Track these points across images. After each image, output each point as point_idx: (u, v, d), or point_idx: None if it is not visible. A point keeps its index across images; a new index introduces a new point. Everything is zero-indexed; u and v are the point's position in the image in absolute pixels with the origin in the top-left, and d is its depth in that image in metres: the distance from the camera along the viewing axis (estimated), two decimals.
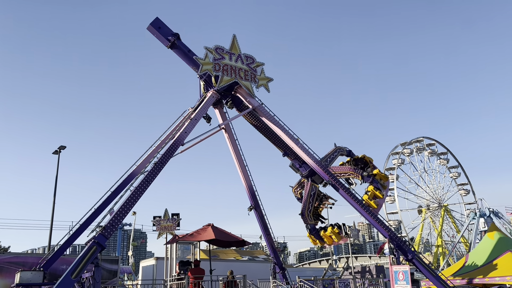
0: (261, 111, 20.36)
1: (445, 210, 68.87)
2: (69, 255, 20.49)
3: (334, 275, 26.00)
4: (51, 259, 16.10)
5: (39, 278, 15.07)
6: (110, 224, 14.01)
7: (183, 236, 19.58)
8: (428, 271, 19.06)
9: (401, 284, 15.54)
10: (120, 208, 14.59)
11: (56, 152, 31.20)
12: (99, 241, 13.39)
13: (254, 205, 22.41)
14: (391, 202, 66.35)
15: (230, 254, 45.60)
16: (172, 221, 22.57)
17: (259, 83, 20.77)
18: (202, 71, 19.45)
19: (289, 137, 19.95)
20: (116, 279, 24.21)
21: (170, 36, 20.77)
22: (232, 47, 20.42)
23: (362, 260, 75.27)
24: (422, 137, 70.18)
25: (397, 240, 19.08)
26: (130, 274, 48.06)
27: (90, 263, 13.17)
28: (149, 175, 15.65)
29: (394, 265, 17.75)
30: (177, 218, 22.92)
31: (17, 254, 23.69)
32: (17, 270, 15.59)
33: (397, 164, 66.83)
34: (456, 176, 69.37)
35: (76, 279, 12.73)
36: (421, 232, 69.83)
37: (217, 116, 22.19)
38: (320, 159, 20.57)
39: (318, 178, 22.13)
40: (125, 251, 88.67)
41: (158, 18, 20.92)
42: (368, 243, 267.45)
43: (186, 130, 17.82)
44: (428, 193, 69.10)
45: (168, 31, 20.93)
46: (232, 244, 21.69)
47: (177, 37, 20.96)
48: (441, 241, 67.88)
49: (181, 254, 27.20)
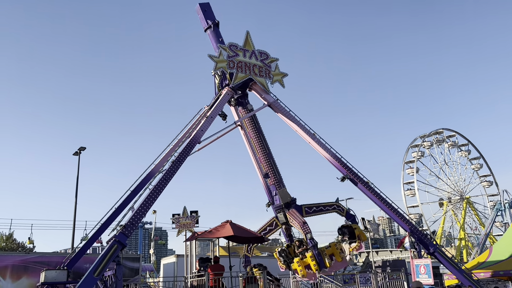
0: (277, 106, 20.31)
1: (467, 202, 67.62)
2: (92, 254, 20.86)
3: (354, 269, 25.80)
4: (74, 258, 16.41)
5: (63, 276, 15.38)
6: (130, 222, 14.18)
7: (202, 233, 19.69)
8: (451, 265, 18.76)
9: (423, 277, 15.33)
10: (139, 206, 14.76)
11: (76, 153, 31.71)
12: (120, 240, 13.57)
13: (272, 202, 22.36)
14: (412, 195, 65.49)
15: None
16: (191, 219, 22.77)
17: (273, 78, 20.70)
18: (216, 69, 19.48)
19: (306, 132, 19.84)
20: (138, 276, 24.55)
21: (211, 20, 22.75)
22: (245, 44, 20.38)
23: (383, 255, 74.62)
24: (441, 129, 68.99)
25: (418, 233, 18.80)
26: (152, 271, 48.69)
27: (112, 262, 13.37)
28: (167, 174, 15.77)
29: (416, 259, 17.51)
30: (195, 215, 23.10)
31: (42, 254, 24.24)
32: (42, 269, 15.95)
33: (416, 157, 65.86)
34: (478, 168, 68.02)
35: (98, 277, 12.94)
36: (442, 225, 68.75)
37: (233, 113, 22.22)
38: (311, 204, 20.35)
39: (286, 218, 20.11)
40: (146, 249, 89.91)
41: (209, 4, 23.33)
42: (388, 237, 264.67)
43: (202, 128, 17.89)
44: (449, 186, 67.95)
45: (212, 16, 23.02)
46: (251, 241, 21.69)
47: (216, 24, 22.81)
48: (463, 234, 66.69)
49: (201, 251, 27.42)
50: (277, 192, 20.10)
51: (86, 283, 12.55)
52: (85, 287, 12.41)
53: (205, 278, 15.99)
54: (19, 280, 21.64)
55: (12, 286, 21.40)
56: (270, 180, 20.88)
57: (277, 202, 20.27)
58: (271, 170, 20.78)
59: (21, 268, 21.89)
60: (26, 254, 26.07)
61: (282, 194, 19.92)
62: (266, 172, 20.90)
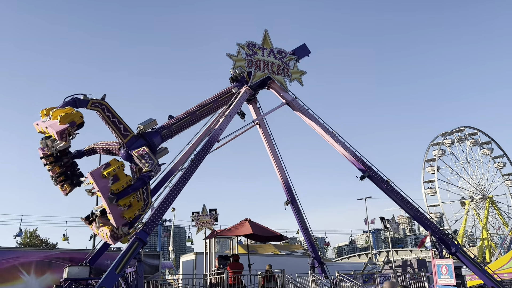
0: (295, 105, 20.25)
1: (490, 201, 66.19)
2: (113, 251, 21.20)
3: (374, 269, 25.58)
4: (96, 254, 16.75)
5: (85, 273, 15.70)
6: (150, 220, 14.37)
7: (221, 231, 19.85)
8: (474, 265, 18.40)
9: (444, 278, 15.08)
10: (160, 204, 14.93)
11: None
12: (141, 237, 13.75)
13: (291, 200, 22.36)
14: (432, 194, 64.53)
15: (268, 249, 45.72)
16: (210, 217, 22.91)
17: (292, 77, 20.65)
18: (235, 68, 19.53)
19: (325, 130, 19.72)
20: (158, 273, 24.84)
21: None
22: (264, 42, 20.37)
23: (403, 254, 73.64)
24: (463, 127, 67.67)
25: (440, 233, 18.50)
26: (171, 268, 49.16)
27: (133, 258, 13.57)
28: (187, 172, 15.91)
29: (437, 259, 17.25)
30: (215, 213, 23.24)
31: (65, 250, 24.75)
32: (65, 265, 16.30)
33: (437, 155, 64.80)
34: (501, 166, 66.51)
35: (120, 274, 13.14)
36: (464, 225, 67.47)
37: (251, 112, 22.25)
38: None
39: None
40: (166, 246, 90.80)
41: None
42: (408, 237, 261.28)
43: (221, 126, 17.97)
44: (472, 185, 66.64)
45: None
46: (270, 239, 21.73)
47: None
48: (486, 234, 65.34)
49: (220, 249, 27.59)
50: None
51: (108, 279, 12.76)
52: (107, 283, 12.62)
53: (224, 276, 16.11)
54: (43, 275, 22.15)
55: (36, 281, 21.93)
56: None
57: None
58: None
59: (45, 264, 22.41)
60: (49, 250, 26.70)
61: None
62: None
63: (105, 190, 12.59)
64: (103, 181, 12.63)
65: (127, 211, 13.05)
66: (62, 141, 13.47)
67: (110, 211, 12.70)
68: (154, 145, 15.99)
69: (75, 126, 13.28)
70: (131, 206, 13.16)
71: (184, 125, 17.86)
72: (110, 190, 12.67)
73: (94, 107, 14.56)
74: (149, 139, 15.82)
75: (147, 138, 15.76)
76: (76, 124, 13.32)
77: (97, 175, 12.73)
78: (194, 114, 18.27)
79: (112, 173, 12.77)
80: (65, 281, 15.43)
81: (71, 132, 13.32)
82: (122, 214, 12.94)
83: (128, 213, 13.07)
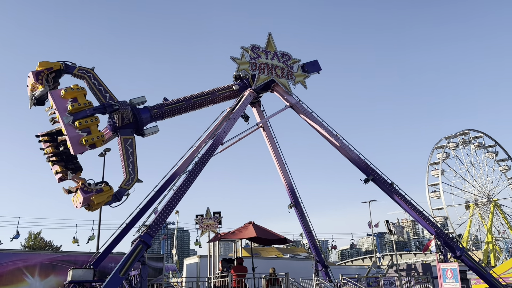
0: (299, 108, 20.26)
1: (495, 205, 65.89)
2: (117, 254, 21.25)
3: (378, 272, 25.48)
4: (100, 257, 16.77)
5: (89, 275, 15.72)
6: (154, 223, 14.38)
7: (225, 234, 19.83)
8: (479, 269, 18.30)
9: (449, 282, 15.00)
10: (164, 207, 14.94)
11: (102, 154, 32.35)
12: (145, 240, 13.76)
13: (294, 203, 22.31)
14: (437, 197, 64.33)
15: (272, 252, 45.69)
16: (214, 220, 22.93)
17: (295, 80, 20.68)
18: (239, 71, 19.58)
19: (328, 133, 19.71)
20: (161, 276, 24.83)
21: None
22: (268, 45, 20.42)
23: (407, 258, 73.33)
24: (468, 130, 67.48)
25: (444, 236, 18.41)
26: (175, 271, 49.18)
27: (136, 261, 13.58)
28: (190, 175, 15.93)
29: (442, 263, 17.17)
30: (218, 216, 23.26)
31: (69, 253, 24.81)
32: (69, 268, 16.34)
33: (441, 158, 64.64)
34: (506, 170, 66.24)
35: (124, 277, 13.15)
36: (469, 229, 67.20)
37: (255, 115, 22.27)
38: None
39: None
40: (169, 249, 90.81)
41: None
42: (412, 240, 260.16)
43: (225, 129, 18.00)
44: (476, 188, 66.39)
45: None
46: (273, 242, 21.71)
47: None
48: (491, 237, 65.00)
49: (223, 252, 27.57)
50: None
51: (112, 282, 12.77)
52: (111, 286, 12.63)
53: (228, 279, 16.09)
54: (47, 278, 22.20)
55: (40, 284, 21.98)
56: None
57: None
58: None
59: (49, 267, 22.46)
60: (53, 253, 26.77)
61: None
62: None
63: (62, 110, 13.03)
64: (62, 101, 13.19)
65: (86, 136, 13.18)
66: (38, 85, 13.77)
67: (67, 132, 12.95)
68: (141, 120, 16.18)
69: (52, 71, 13.81)
70: (89, 132, 13.32)
71: (177, 109, 17.86)
72: (67, 111, 13.12)
73: (80, 73, 14.80)
74: (136, 112, 16.04)
75: (134, 111, 15.98)
76: (53, 69, 13.88)
77: (57, 95, 13.23)
78: (189, 101, 18.28)
79: (71, 93, 13.30)
80: (69, 284, 15.46)
81: (48, 77, 13.73)
82: (80, 139, 13.14)
83: (87, 139, 13.19)
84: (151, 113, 16.75)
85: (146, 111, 16.60)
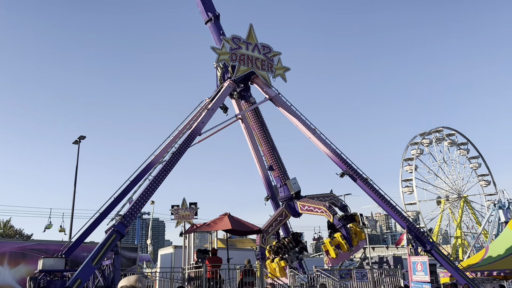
0: (278, 101, 20.28)
1: (465, 201, 67.84)
2: (90, 243, 20.92)
3: (351, 265, 25.91)
4: (72, 246, 16.47)
5: (61, 264, 15.42)
6: (129, 212, 14.23)
7: (200, 226, 19.75)
8: (447, 262, 18.86)
9: (419, 275, 15.37)
10: (138, 197, 14.79)
11: (76, 142, 31.63)
12: (118, 229, 13.62)
13: (271, 195, 22.42)
14: (410, 193, 65.73)
15: (247, 243, 45.88)
16: (190, 210, 22.79)
17: (276, 72, 20.67)
18: (219, 61, 19.44)
19: (306, 127, 19.83)
20: (135, 266, 24.61)
21: (211, 13, 22.37)
22: (248, 37, 20.31)
23: (380, 251, 74.94)
24: (441, 127, 69.07)
25: (415, 230, 18.87)
26: (149, 262, 48.85)
27: (110, 251, 13.42)
28: (167, 165, 15.79)
29: (412, 256, 17.57)
30: (194, 207, 23.12)
31: (40, 241, 24.26)
32: (40, 257, 15.98)
33: (415, 154, 65.98)
34: (477, 167, 68.14)
35: (96, 266, 13.01)
36: (439, 223, 69.05)
37: (234, 106, 22.20)
38: (310, 196, 19.95)
39: (292, 209, 20.00)
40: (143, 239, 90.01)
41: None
42: (385, 234, 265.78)
43: (203, 120, 17.88)
44: (448, 184, 68.14)
45: (212, 8, 22.59)
46: (249, 233, 21.77)
47: (217, 17, 22.48)
48: (460, 232, 66.99)
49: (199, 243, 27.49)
50: (286, 182, 20.02)
51: (84, 271, 12.61)
52: (83, 275, 12.47)
53: (202, 270, 16.07)
54: (17, 267, 21.67)
55: (9, 272, 21.44)
56: (274, 172, 20.91)
57: (284, 194, 20.20)
58: (275, 163, 20.84)
59: (18, 255, 21.91)
60: (24, 241, 26.13)
61: (293, 183, 19.77)
62: (270, 164, 20.94)
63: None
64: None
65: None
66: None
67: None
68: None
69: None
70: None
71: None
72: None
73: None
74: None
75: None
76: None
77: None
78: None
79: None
80: (40, 273, 15.14)
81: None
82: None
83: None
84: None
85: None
